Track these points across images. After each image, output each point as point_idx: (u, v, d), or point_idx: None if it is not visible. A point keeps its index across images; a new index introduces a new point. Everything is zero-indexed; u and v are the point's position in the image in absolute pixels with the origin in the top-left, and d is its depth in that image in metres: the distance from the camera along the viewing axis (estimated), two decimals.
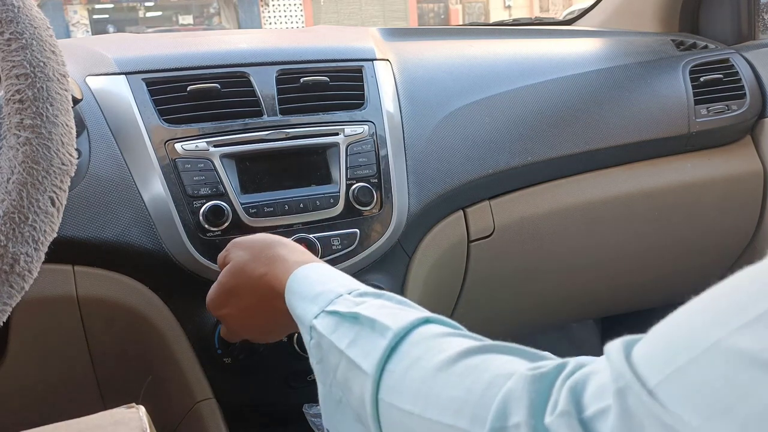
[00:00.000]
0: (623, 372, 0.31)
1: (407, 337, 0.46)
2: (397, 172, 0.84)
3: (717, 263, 1.25)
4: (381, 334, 0.47)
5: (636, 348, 0.32)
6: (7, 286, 0.46)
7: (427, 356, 0.43)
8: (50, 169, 0.47)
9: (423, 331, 0.46)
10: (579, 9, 1.48)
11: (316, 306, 0.53)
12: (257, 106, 0.81)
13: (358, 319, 0.49)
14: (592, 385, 0.34)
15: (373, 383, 0.45)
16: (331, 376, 0.50)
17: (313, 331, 0.52)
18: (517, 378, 0.37)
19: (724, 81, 1.13)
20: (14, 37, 0.48)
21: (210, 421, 0.78)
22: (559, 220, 1.03)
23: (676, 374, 0.28)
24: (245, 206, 0.76)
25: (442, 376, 0.42)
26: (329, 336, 0.50)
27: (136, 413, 0.56)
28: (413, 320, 0.47)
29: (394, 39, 1.05)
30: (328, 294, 0.54)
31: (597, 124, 1.02)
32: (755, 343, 0.26)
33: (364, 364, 0.46)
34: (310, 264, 0.59)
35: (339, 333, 0.50)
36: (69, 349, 0.79)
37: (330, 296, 0.53)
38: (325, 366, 0.51)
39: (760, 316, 0.26)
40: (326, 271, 0.59)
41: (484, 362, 0.41)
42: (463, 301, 1.01)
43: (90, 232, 0.73)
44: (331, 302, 0.53)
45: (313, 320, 0.52)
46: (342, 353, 0.48)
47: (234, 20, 14.79)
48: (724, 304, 0.28)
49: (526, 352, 0.42)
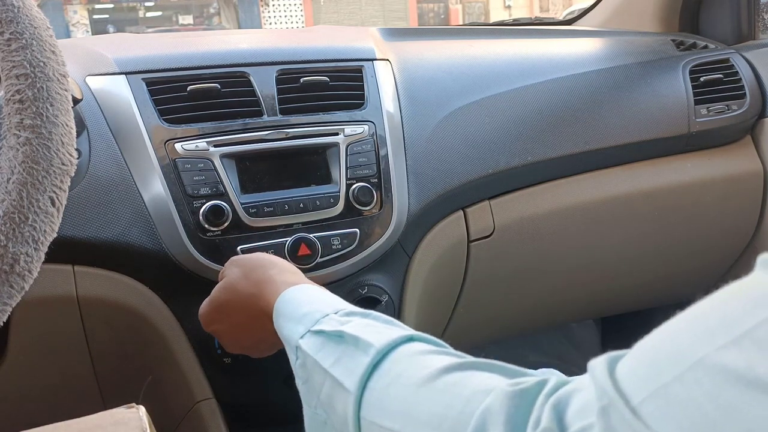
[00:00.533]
0: (607, 389, 0.30)
1: (390, 354, 0.46)
2: (397, 172, 0.84)
3: (717, 263, 1.25)
4: (364, 352, 0.46)
5: (620, 364, 0.31)
6: (7, 286, 0.46)
7: (407, 373, 0.43)
8: (50, 169, 0.47)
9: (406, 349, 0.46)
10: (579, 9, 1.48)
11: (302, 326, 0.53)
12: (257, 106, 0.81)
13: (343, 338, 0.49)
14: (575, 402, 0.33)
15: (355, 401, 0.45)
16: (316, 398, 0.50)
17: (299, 351, 0.52)
18: (496, 394, 0.37)
19: (724, 81, 1.13)
20: (14, 37, 0.48)
21: (210, 421, 0.78)
22: (559, 220, 1.03)
23: (661, 392, 0.28)
24: (245, 206, 0.76)
25: (422, 392, 0.42)
26: (314, 355, 0.50)
27: (136, 413, 0.56)
28: (396, 338, 0.47)
29: (394, 39, 1.05)
30: (314, 314, 0.54)
31: (597, 124, 1.02)
32: (741, 361, 0.25)
33: (347, 382, 0.46)
34: (299, 285, 0.60)
35: (324, 352, 0.50)
36: (69, 349, 0.79)
37: (316, 316, 0.53)
38: (310, 386, 0.51)
39: (746, 332, 0.26)
40: (314, 292, 0.59)
41: (463, 379, 0.41)
42: (463, 301, 1.01)
43: (90, 232, 0.73)
44: (317, 322, 0.53)
45: (299, 340, 0.52)
46: (327, 372, 0.48)
47: (234, 20, 14.79)
48: (709, 321, 0.28)
49: (506, 369, 0.42)
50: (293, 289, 0.59)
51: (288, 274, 0.64)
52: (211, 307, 0.68)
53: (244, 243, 0.76)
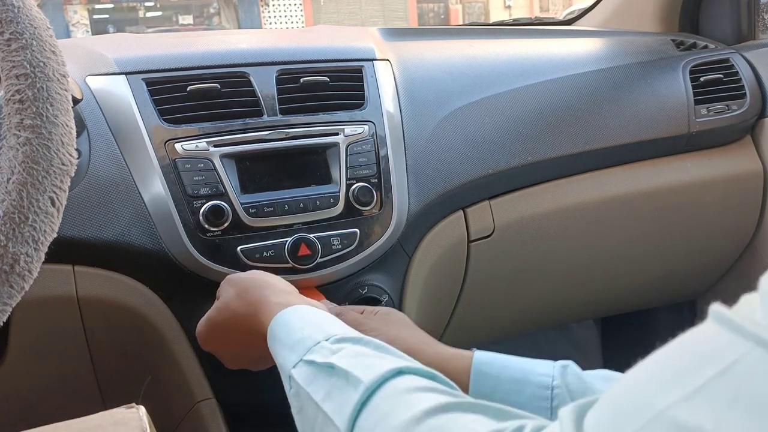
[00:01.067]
0: None
1: (378, 390, 0.46)
2: (397, 172, 0.84)
3: (717, 263, 1.25)
4: (354, 388, 0.46)
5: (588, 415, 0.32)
6: (7, 286, 0.46)
7: (394, 413, 0.43)
8: (50, 169, 0.47)
9: (394, 385, 0.46)
10: (579, 9, 1.48)
11: (294, 354, 0.54)
12: (257, 106, 0.81)
13: (334, 370, 0.49)
14: None
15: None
16: (310, 429, 0.50)
17: (292, 381, 0.52)
18: None
19: (724, 81, 1.13)
20: (14, 37, 0.48)
21: (210, 421, 0.78)
22: (559, 220, 1.03)
23: None
24: (245, 206, 0.76)
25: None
26: (306, 387, 0.50)
27: (136, 413, 0.56)
28: (385, 372, 0.46)
29: (394, 39, 1.05)
30: (306, 341, 0.54)
31: (597, 124, 1.02)
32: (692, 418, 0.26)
33: (337, 419, 0.46)
34: (293, 307, 0.60)
35: (315, 385, 0.50)
36: (69, 349, 0.79)
37: (308, 344, 0.53)
38: (304, 417, 0.51)
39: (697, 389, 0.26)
40: (306, 315, 0.59)
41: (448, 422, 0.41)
42: (463, 301, 1.01)
43: (90, 232, 0.73)
44: (308, 350, 0.53)
45: (291, 370, 0.53)
46: (318, 407, 0.48)
47: (234, 20, 14.79)
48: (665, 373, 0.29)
49: (492, 409, 0.42)
50: (287, 312, 0.59)
51: (281, 294, 0.64)
52: (208, 327, 0.69)
53: (244, 243, 0.76)
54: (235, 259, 0.75)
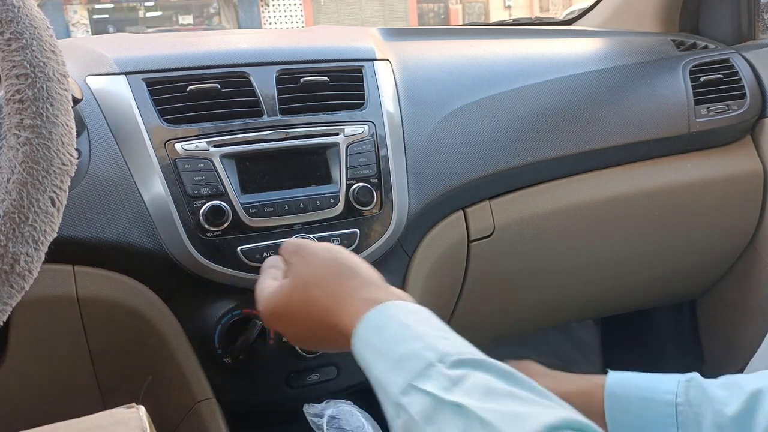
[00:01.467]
0: None
1: None
2: (397, 171, 0.84)
3: (717, 263, 1.25)
4: None
5: None
6: (7, 286, 0.46)
7: None
8: (50, 169, 0.47)
9: None
10: (579, 9, 1.48)
11: (399, 376, 0.46)
12: (257, 106, 0.81)
13: (462, 411, 0.41)
14: None
15: None
16: None
17: (401, 411, 0.44)
18: None
19: (724, 81, 1.13)
20: (14, 37, 0.48)
21: (210, 421, 0.78)
22: (559, 220, 1.03)
23: None
24: (245, 206, 0.76)
25: None
26: (425, 425, 0.42)
27: (136, 413, 0.56)
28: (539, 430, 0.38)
29: (394, 39, 1.05)
30: (413, 360, 0.46)
31: (597, 124, 1.02)
32: None
33: None
34: (385, 304, 0.52)
35: (438, 425, 0.42)
36: (69, 349, 0.79)
37: (417, 364, 0.45)
38: None
39: None
40: (403, 317, 0.51)
41: None
42: (463, 301, 1.01)
43: (90, 232, 0.73)
44: (420, 374, 0.45)
45: (400, 396, 0.45)
46: None
47: (234, 20, 14.79)
48: None
49: None
50: (379, 312, 0.52)
51: (371, 288, 0.57)
52: (277, 306, 0.62)
53: (245, 243, 0.76)
54: (235, 260, 0.75)
